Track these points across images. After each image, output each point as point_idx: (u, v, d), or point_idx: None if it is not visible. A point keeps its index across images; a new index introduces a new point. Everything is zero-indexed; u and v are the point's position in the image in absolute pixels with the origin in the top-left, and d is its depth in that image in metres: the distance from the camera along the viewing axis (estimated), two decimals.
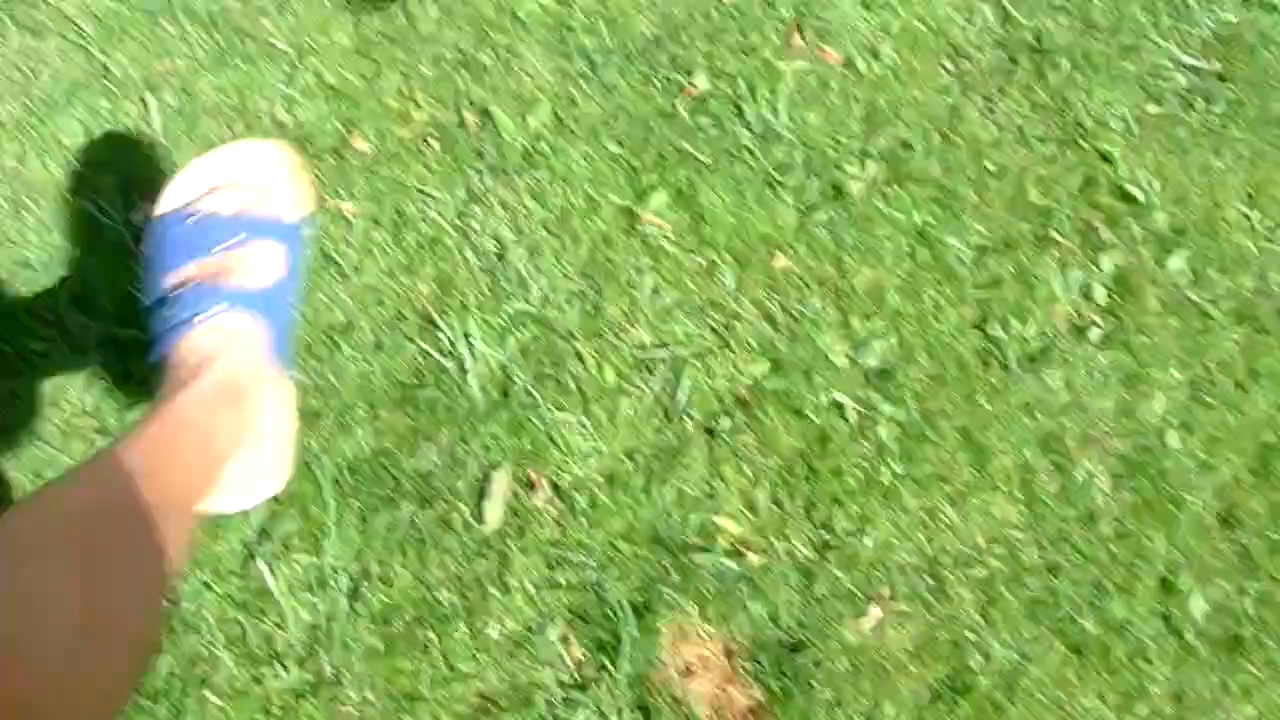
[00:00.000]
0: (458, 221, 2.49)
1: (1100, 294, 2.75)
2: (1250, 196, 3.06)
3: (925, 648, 2.21)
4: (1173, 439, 2.57)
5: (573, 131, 2.70)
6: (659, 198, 2.62)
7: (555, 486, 2.21)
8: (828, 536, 2.28)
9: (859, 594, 2.24)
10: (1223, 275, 2.87)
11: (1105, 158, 3.00)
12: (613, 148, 2.69)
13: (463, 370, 2.29)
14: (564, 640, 2.06)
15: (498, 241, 2.48)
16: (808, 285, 2.61)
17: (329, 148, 2.55)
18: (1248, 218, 3.02)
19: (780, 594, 2.19)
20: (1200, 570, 2.43)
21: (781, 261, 2.61)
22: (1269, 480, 2.58)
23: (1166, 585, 2.39)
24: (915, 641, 2.21)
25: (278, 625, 1.97)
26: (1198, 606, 2.38)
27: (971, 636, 2.24)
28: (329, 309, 2.33)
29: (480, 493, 2.16)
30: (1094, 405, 2.58)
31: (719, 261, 2.58)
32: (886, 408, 2.47)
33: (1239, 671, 2.32)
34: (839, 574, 2.24)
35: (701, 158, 2.73)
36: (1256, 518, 2.52)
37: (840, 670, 2.14)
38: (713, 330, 2.48)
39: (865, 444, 2.41)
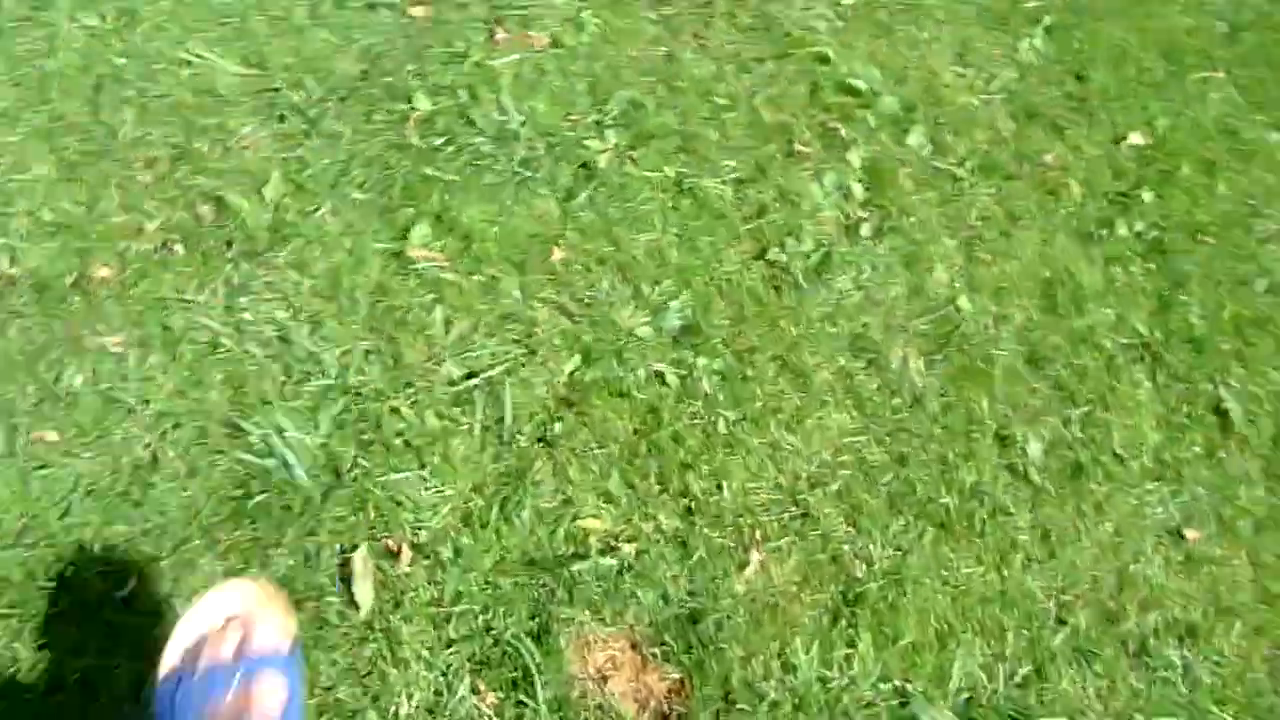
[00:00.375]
0: (228, 318, 2.41)
1: (858, 190, 2.86)
2: (960, 56, 3.22)
3: (811, 574, 2.28)
4: (964, 303, 2.70)
5: (313, 191, 2.64)
6: (421, 230, 2.59)
7: (416, 547, 2.18)
8: (688, 502, 2.32)
9: (735, 545, 2.29)
10: (958, 137, 3.02)
11: (822, 60, 3.11)
12: (358, 195, 2.64)
13: (285, 465, 2.22)
14: (475, 691, 2.05)
15: (276, 325, 2.41)
16: (590, 269, 2.63)
17: (69, 286, 2.42)
18: (963, 76, 3.18)
19: (663, 572, 2.22)
20: (1026, 415, 2.57)
21: (558, 254, 2.62)
22: (1058, 312, 2.75)
23: (1002, 439, 2.53)
24: (800, 571, 2.28)
25: None
26: (1034, 449, 2.52)
27: (848, 548, 2.32)
28: (127, 449, 2.22)
29: (345, 579, 2.11)
30: (886, 295, 2.69)
31: (499, 274, 2.57)
32: (701, 361, 2.51)
33: (1087, 494, 2.48)
34: (710, 533, 2.28)
35: (448, 177, 2.70)
36: (1059, 349, 2.68)
37: (741, 624, 2.19)
38: (515, 342, 2.47)
39: (694, 403, 2.46)
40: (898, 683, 2.17)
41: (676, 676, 2.14)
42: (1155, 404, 2.64)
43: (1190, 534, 2.48)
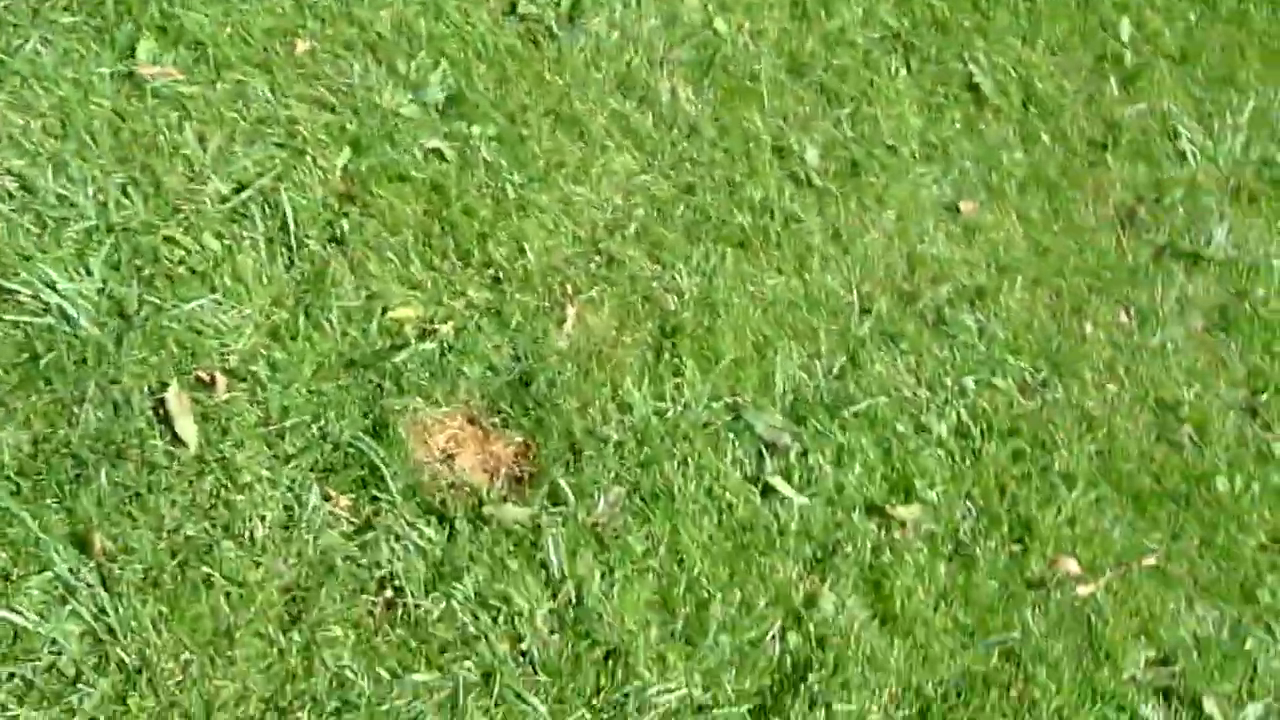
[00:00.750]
0: None
1: None
2: None
3: (626, 316, 2.32)
4: (720, 25, 2.71)
5: (13, 24, 2.38)
6: (146, 45, 2.39)
7: (229, 372, 2.10)
8: (494, 271, 2.31)
9: (548, 304, 2.30)
10: None
11: None
12: (65, 19, 2.41)
13: (66, 318, 2.08)
14: (326, 499, 2.03)
15: (14, 175, 2.21)
16: (339, 55, 2.50)
17: None
18: None
19: (484, 344, 2.22)
20: (798, 123, 2.63)
21: (302, 46, 2.48)
22: (809, 17, 2.79)
23: (780, 151, 2.59)
24: (616, 316, 2.32)
25: (55, 653, 1.84)
26: (811, 155, 2.60)
27: (657, 285, 2.37)
28: None
29: (165, 419, 2.04)
30: (643, 30, 2.67)
31: (243, 78, 2.41)
32: (475, 129, 2.46)
33: (867, 188, 2.58)
34: (523, 297, 2.28)
35: None
36: (816, 55, 2.73)
37: (570, 377, 2.22)
38: (279, 146, 2.35)
39: (476, 173, 2.41)
40: (727, 399, 2.27)
41: (520, 440, 2.17)
42: (913, 90, 2.75)
43: (964, 206, 2.64)
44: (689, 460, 2.18)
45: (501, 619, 1.97)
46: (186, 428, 2.05)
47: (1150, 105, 2.98)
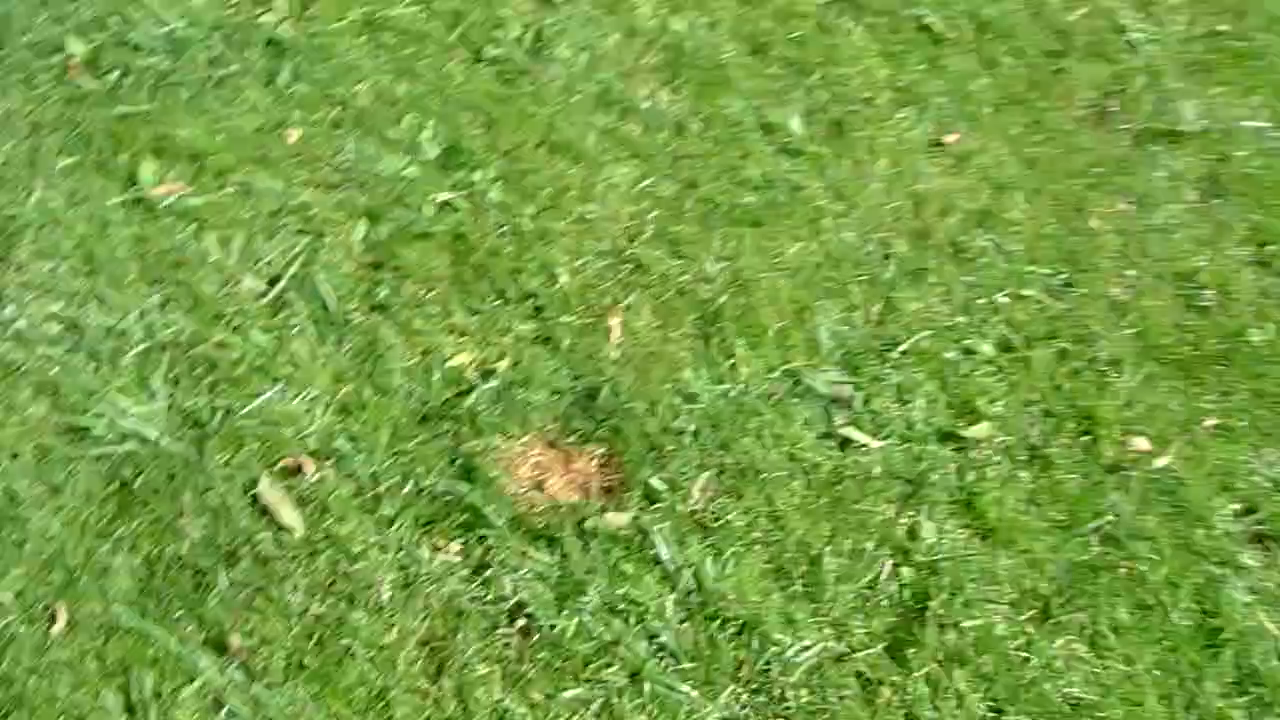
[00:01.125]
0: (2, 334, 2.25)
1: None
2: None
3: (668, 315, 2.39)
4: (676, 24, 2.80)
5: (15, 178, 2.45)
6: (147, 169, 2.47)
7: (312, 454, 2.16)
8: (533, 302, 2.38)
9: (592, 320, 2.37)
10: None
11: None
12: (65, 162, 2.48)
13: (144, 441, 2.14)
14: (437, 549, 2.09)
15: (57, 319, 2.27)
16: (329, 138, 2.58)
17: None
18: None
19: (542, 370, 2.29)
20: (774, 99, 2.73)
21: (294, 135, 2.55)
22: (760, 6, 2.89)
23: (766, 128, 2.68)
24: (658, 316, 2.39)
25: None
26: (795, 124, 2.69)
27: (687, 279, 2.45)
28: None
29: (264, 512, 2.09)
30: (606, 46, 2.76)
31: (246, 177, 2.48)
32: (478, 175, 2.53)
33: (856, 144, 2.67)
34: (566, 319, 2.35)
35: (143, 108, 2.56)
36: (773, 32, 2.83)
37: (631, 382, 2.29)
38: (299, 233, 2.42)
39: (489, 215, 2.48)
40: (783, 368, 2.34)
41: (601, 452, 2.23)
42: (872, 43, 2.85)
43: (948, 139, 2.73)
44: (764, 432, 2.25)
45: (633, 620, 2.03)
46: (288, 515, 2.10)
47: (1092, 6, 3.10)
